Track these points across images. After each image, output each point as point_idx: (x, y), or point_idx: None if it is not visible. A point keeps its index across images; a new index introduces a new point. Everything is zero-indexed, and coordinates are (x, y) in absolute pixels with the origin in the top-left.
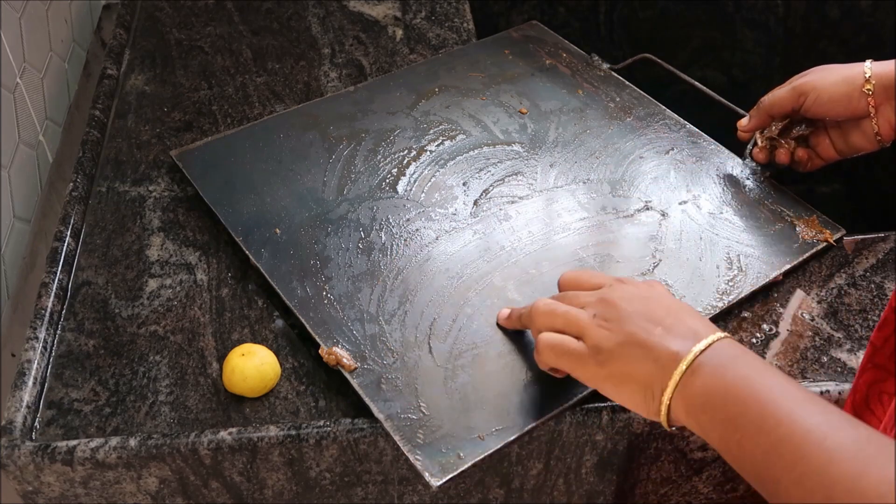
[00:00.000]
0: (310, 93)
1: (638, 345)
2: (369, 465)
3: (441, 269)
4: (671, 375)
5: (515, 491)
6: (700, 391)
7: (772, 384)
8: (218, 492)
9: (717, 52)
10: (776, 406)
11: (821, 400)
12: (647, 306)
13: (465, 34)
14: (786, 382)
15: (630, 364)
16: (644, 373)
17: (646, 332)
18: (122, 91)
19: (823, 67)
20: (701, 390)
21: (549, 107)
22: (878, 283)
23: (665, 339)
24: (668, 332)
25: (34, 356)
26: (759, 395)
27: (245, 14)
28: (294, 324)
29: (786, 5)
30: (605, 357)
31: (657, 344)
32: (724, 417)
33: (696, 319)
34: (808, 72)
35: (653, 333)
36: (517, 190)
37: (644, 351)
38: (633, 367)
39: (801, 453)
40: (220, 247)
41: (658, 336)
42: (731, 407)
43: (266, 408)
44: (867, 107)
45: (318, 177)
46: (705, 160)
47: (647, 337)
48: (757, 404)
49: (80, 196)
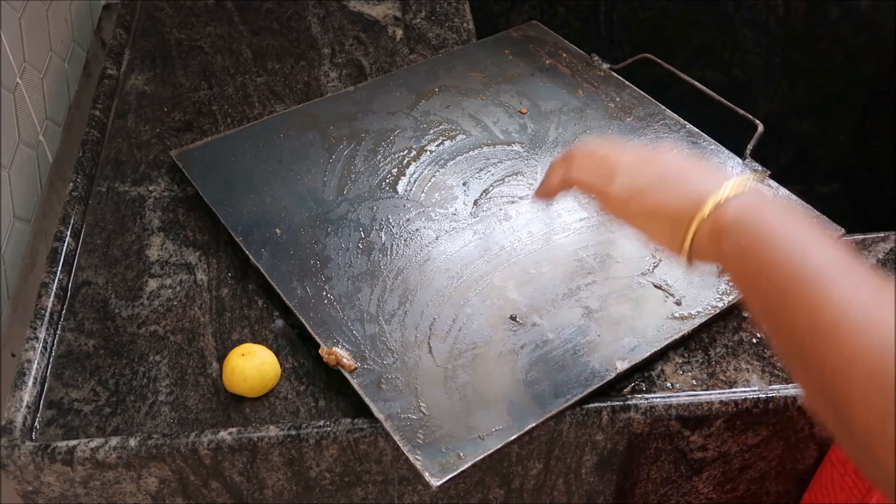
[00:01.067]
0: (310, 93)
1: (675, 178)
2: (369, 465)
3: (441, 269)
4: (707, 199)
5: (515, 491)
6: (729, 218)
7: (798, 227)
8: (218, 492)
9: (717, 52)
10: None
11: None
12: (682, 156)
13: (465, 34)
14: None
15: (664, 193)
16: (678, 199)
17: (683, 170)
18: (122, 91)
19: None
20: (731, 217)
21: (549, 107)
22: None
23: (698, 175)
24: (706, 170)
25: (34, 356)
26: (784, 233)
27: (245, 14)
28: (294, 324)
29: (786, 5)
30: (639, 189)
31: (691, 178)
32: (746, 244)
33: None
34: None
35: (690, 172)
36: (517, 190)
37: (680, 184)
38: (667, 195)
39: (813, 290)
40: (220, 247)
41: (690, 174)
42: (755, 238)
43: (266, 408)
44: None
45: (318, 177)
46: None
47: (683, 175)
48: (782, 239)
49: (80, 196)
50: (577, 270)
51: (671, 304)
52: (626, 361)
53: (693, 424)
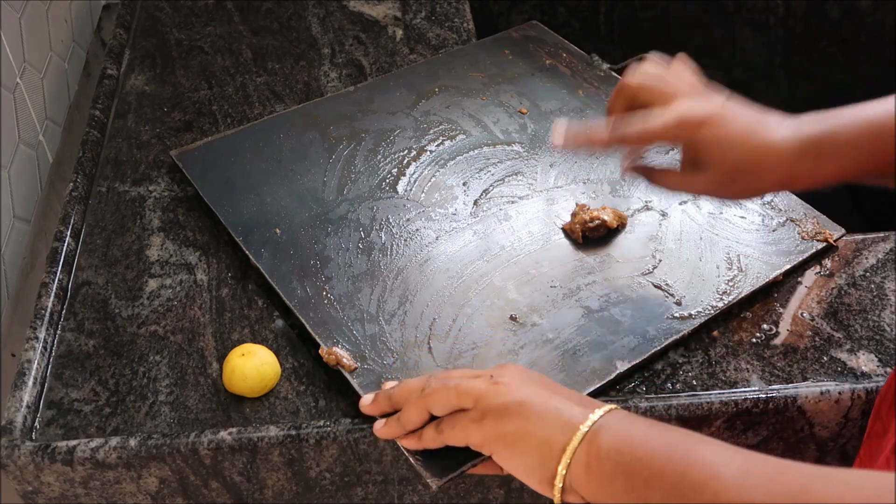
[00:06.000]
0: (310, 93)
1: (538, 404)
2: (369, 465)
3: (441, 269)
4: (576, 431)
5: (515, 491)
6: (605, 445)
7: (670, 436)
8: (218, 492)
9: (717, 52)
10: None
11: (715, 441)
12: (541, 378)
13: (465, 34)
14: (681, 432)
15: (529, 422)
16: (543, 431)
17: (545, 395)
18: (122, 91)
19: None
20: (606, 444)
21: (549, 107)
22: (879, 283)
23: (564, 403)
24: (567, 399)
25: (34, 356)
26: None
27: (245, 14)
28: (294, 324)
29: (786, 5)
30: (502, 415)
31: (557, 406)
32: (631, 456)
33: (585, 397)
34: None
35: (552, 397)
36: (517, 190)
37: (543, 410)
38: (532, 425)
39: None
40: (220, 247)
41: (556, 400)
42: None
43: (266, 408)
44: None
45: (318, 177)
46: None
47: (547, 399)
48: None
49: (80, 196)
50: (577, 270)
51: (671, 304)
52: (626, 361)
53: (693, 424)
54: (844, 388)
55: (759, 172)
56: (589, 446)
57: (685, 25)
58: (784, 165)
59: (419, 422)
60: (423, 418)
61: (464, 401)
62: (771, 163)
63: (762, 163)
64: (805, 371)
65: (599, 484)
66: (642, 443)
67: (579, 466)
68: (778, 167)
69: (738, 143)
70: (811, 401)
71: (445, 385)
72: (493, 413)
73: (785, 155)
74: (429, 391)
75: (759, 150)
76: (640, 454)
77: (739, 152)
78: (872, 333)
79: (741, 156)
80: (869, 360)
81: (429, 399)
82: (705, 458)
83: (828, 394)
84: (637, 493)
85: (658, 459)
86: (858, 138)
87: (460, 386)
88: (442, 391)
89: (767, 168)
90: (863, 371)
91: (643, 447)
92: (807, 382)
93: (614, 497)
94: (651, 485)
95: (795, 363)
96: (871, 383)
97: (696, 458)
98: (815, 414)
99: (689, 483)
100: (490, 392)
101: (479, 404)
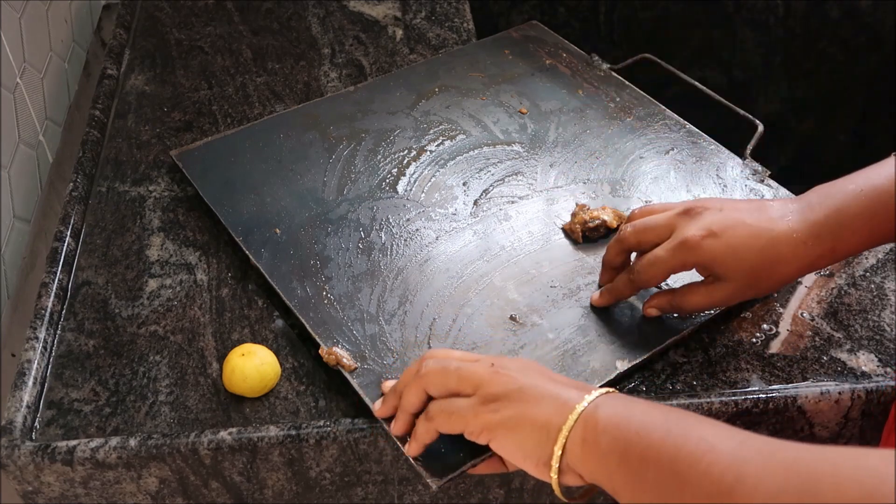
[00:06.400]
0: (310, 93)
1: (536, 389)
2: (369, 465)
3: (441, 269)
4: (572, 411)
5: (515, 491)
6: (601, 423)
7: (667, 415)
8: (218, 492)
9: (717, 52)
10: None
11: (713, 421)
12: (541, 368)
13: (465, 34)
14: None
15: (527, 407)
16: (540, 414)
17: (543, 381)
18: (122, 91)
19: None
20: (602, 422)
21: (549, 107)
22: (879, 284)
23: (561, 387)
24: (565, 384)
25: (34, 356)
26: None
27: (245, 14)
28: (294, 324)
29: (786, 5)
30: (502, 402)
31: (554, 389)
32: (626, 435)
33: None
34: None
35: (550, 382)
36: (517, 190)
37: (541, 395)
38: (530, 409)
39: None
40: (220, 247)
41: (554, 385)
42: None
43: (266, 408)
44: None
45: (318, 177)
46: (705, 160)
47: (545, 384)
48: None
49: (80, 196)
50: (577, 270)
51: None
52: (626, 361)
53: None
54: (844, 389)
55: (778, 267)
56: (585, 424)
57: (685, 25)
58: (801, 256)
59: (418, 403)
60: (422, 399)
61: (463, 386)
62: (788, 255)
63: (779, 259)
64: (805, 371)
65: (595, 460)
66: (639, 420)
67: (575, 445)
68: (795, 259)
69: (748, 247)
70: (811, 401)
71: (445, 367)
72: (494, 400)
73: (800, 245)
74: (425, 371)
75: (771, 248)
76: (636, 430)
77: (752, 254)
78: (872, 333)
79: (755, 257)
80: (869, 360)
81: (425, 379)
82: (702, 435)
83: (828, 394)
84: (632, 469)
85: (654, 435)
86: (871, 211)
87: (461, 371)
88: (440, 373)
89: (786, 261)
90: (863, 371)
91: (639, 424)
92: (807, 382)
93: (609, 474)
94: (646, 460)
95: (795, 363)
96: (871, 383)
97: (692, 434)
98: (815, 414)
99: (684, 458)
100: (492, 380)
101: (479, 391)
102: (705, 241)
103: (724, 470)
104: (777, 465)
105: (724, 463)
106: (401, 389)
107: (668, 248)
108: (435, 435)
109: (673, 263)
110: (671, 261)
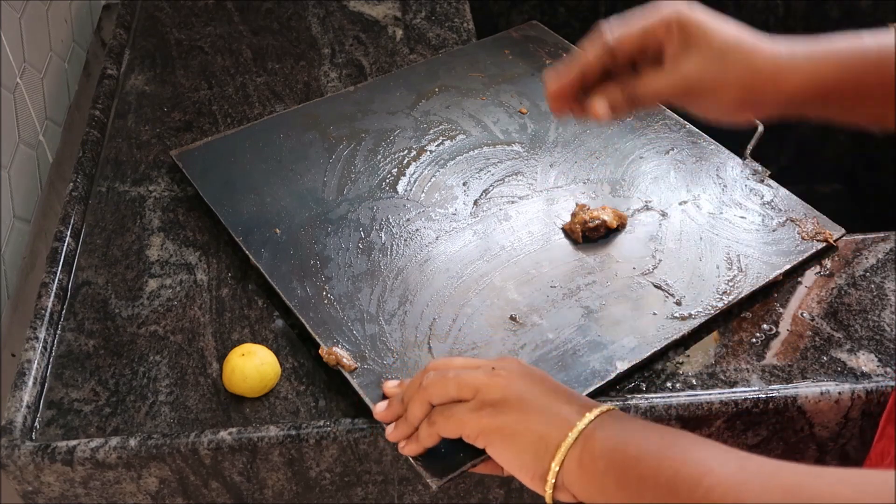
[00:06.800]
0: (310, 93)
1: (536, 400)
2: (369, 465)
3: (441, 269)
4: (572, 428)
5: (515, 491)
6: (600, 444)
7: (665, 436)
8: (218, 492)
9: None
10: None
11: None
12: (542, 374)
13: (465, 34)
14: (677, 433)
15: (526, 417)
16: (539, 427)
17: (544, 391)
18: (122, 91)
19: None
20: (601, 443)
21: None
22: (879, 283)
23: (562, 401)
24: (566, 397)
25: (34, 356)
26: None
27: (245, 14)
28: (294, 324)
29: (786, 5)
30: (500, 408)
31: (555, 403)
32: (624, 454)
33: (584, 397)
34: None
35: (550, 394)
36: (517, 190)
37: (541, 406)
38: (529, 419)
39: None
40: (220, 247)
41: (555, 397)
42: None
43: (266, 408)
44: None
45: (318, 177)
46: (705, 160)
47: (546, 395)
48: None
49: (80, 196)
50: (577, 270)
51: (671, 304)
52: (626, 361)
53: (693, 424)
54: (844, 388)
55: (752, 51)
56: (584, 444)
57: None
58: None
59: (422, 416)
60: (426, 411)
61: (463, 392)
62: (763, 44)
63: (756, 42)
64: (805, 371)
65: (592, 481)
66: (637, 442)
67: (572, 463)
68: (771, 49)
69: (728, 28)
70: (811, 401)
71: (444, 376)
72: (492, 405)
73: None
74: (427, 383)
75: (749, 36)
76: (634, 452)
77: (730, 33)
78: (872, 333)
79: (732, 36)
80: (869, 360)
81: (428, 390)
82: (700, 457)
83: (828, 394)
84: (630, 491)
85: (652, 458)
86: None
87: (460, 377)
88: (441, 382)
89: (760, 50)
90: (863, 371)
91: (638, 446)
92: (807, 382)
93: (606, 495)
94: (644, 482)
95: (795, 363)
96: (871, 383)
97: (691, 457)
98: (815, 414)
99: (683, 480)
100: (490, 384)
101: (478, 396)
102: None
103: (724, 493)
104: (777, 487)
105: (724, 486)
106: (407, 401)
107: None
108: (437, 439)
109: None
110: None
